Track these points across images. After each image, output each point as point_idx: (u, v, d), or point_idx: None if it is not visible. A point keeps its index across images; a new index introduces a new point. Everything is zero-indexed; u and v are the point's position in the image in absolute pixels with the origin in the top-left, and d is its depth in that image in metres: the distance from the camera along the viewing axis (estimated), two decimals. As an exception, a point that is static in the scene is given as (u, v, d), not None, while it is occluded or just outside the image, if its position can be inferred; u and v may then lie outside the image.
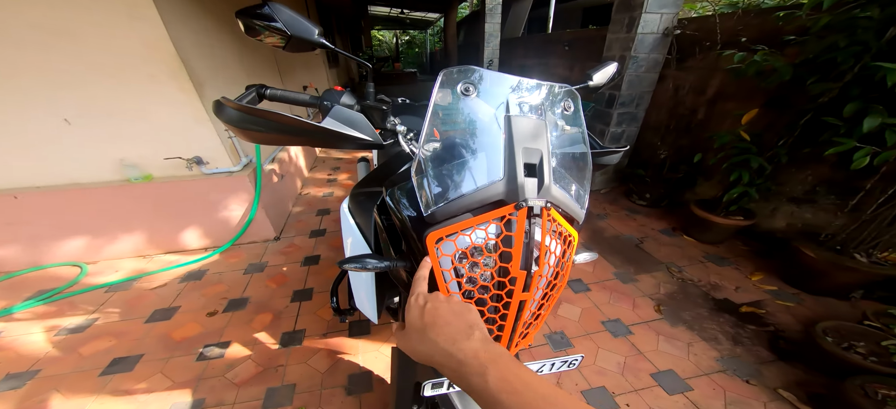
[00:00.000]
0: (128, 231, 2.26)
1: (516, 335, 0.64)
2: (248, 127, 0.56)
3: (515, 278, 0.57)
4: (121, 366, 1.62)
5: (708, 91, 2.71)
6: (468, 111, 0.66)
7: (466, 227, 0.58)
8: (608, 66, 1.00)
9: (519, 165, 0.59)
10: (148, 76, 1.83)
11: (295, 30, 0.68)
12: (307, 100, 0.84)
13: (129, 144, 2.01)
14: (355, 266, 0.68)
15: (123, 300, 2.03)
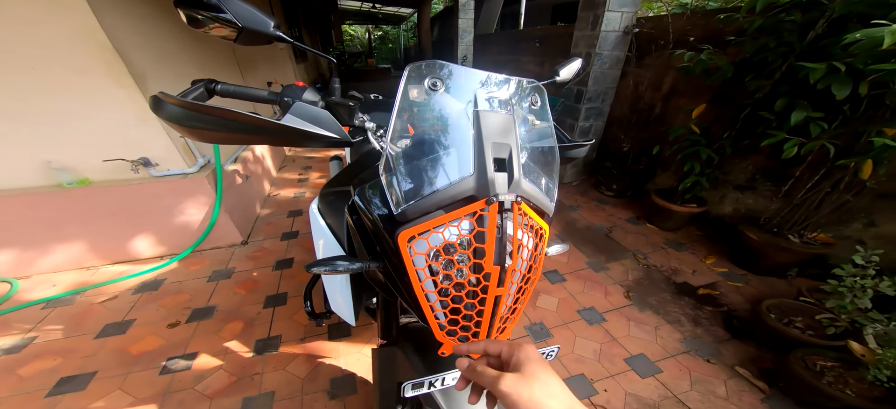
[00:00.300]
0: (65, 242, 2.02)
1: (494, 330, 0.64)
2: (194, 125, 0.51)
3: (490, 274, 0.57)
4: (71, 385, 1.48)
5: (664, 87, 2.89)
6: (437, 107, 0.66)
7: (438, 224, 0.57)
8: (573, 63, 1.03)
9: (488, 161, 0.59)
10: (77, 69, 1.62)
11: (247, 21, 0.61)
12: (265, 96, 0.75)
13: (58, 145, 1.78)
14: (325, 269, 0.66)
15: (66, 316, 1.83)
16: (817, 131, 1.70)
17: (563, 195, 3.26)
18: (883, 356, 1.17)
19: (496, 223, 0.56)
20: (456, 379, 0.64)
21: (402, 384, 0.61)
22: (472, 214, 0.57)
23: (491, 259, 0.56)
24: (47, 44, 1.54)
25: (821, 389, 1.25)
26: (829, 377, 1.28)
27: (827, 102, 1.66)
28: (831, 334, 1.39)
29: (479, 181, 0.58)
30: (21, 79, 1.58)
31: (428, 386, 0.63)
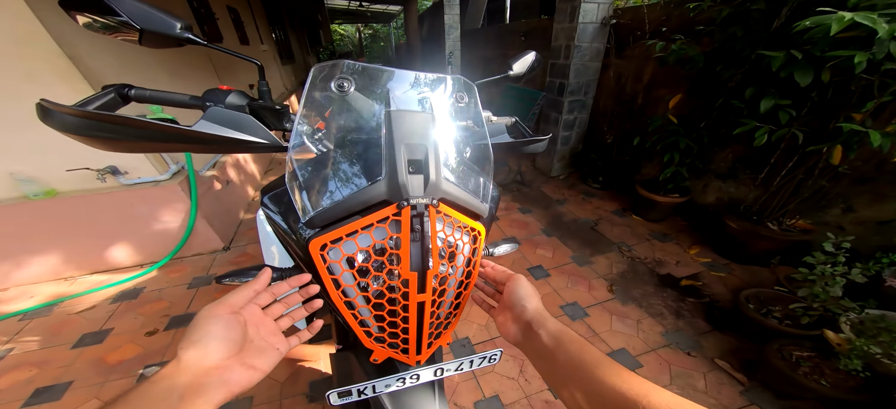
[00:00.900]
0: (38, 253, 1.99)
1: (425, 337, 0.61)
2: (94, 134, 0.47)
3: (408, 280, 0.55)
4: (46, 396, 1.47)
5: (644, 78, 2.87)
6: (349, 109, 0.64)
7: (350, 231, 0.54)
8: (527, 56, 1.01)
9: (400, 163, 0.56)
10: (24, 76, 1.57)
11: (146, 23, 0.55)
12: (187, 101, 0.70)
13: (18, 155, 1.75)
14: (235, 280, 0.64)
15: (43, 327, 1.81)
16: (786, 118, 1.70)
17: (550, 189, 3.25)
18: (855, 345, 1.16)
19: (411, 227, 0.54)
20: (390, 387, 0.63)
21: (328, 393, 0.59)
22: (385, 219, 0.54)
23: (407, 265, 0.54)
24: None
25: (797, 380, 1.25)
26: (805, 367, 1.28)
27: (795, 90, 1.65)
28: (806, 324, 1.39)
29: (390, 185, 0.55)
30: None
31: (356, 394, 0.60)
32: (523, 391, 1.50)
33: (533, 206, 2.97)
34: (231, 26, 3.85)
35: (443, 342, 0.67)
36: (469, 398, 1.47)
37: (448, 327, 0.66)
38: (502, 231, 2.62)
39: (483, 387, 1.52)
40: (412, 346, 0.60)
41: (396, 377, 0.61)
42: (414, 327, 0.58)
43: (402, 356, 0.62)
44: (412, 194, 0.54)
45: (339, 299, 0.56)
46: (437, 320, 0.63)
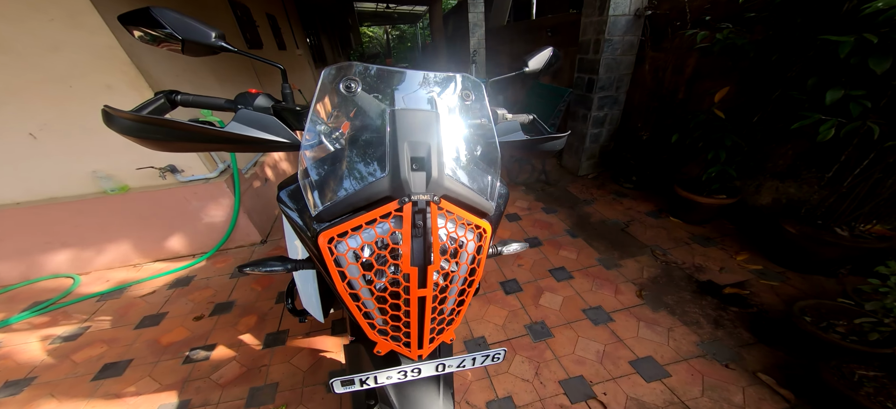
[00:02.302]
0: (114, 242, 2.30)
1: (426, 333, 0.63)
2: (147, 136, 0.54)
3: (408, 275, 0.57)
4: (111, 371, 1.67)
5: (686, 71, 2.65)
6: (357, 109, 0.67)
7: (355, 225, 0.57)
8: (544, 52, 1.00)
9: (403, 160, 0.58)
10: (104, 87, 1.83)
11: (186, 34, 0.64)
12: (223, 104, 0.79)
13: (99, 156, 2.03)
14: (255, 270, 0.68)
15: (114, 308, 2.07)
16: (858, 111, 1.47)
17: (578, 189, 3.11)
18: None
19: (413, 223, 0.56)
20: (391, 379, 0.65)
21: (331, 380, 0.63)
22: (388, 214, 0.57)
23: (408, 260, 0.56)
24: (76, 64, 1.75)
25: (857, 401, 1.08)
26: (868, 387, 1.10)
27: (870, 79, 1.44)
28: (874, 341, 1.19)
29: (393, 182, 0.58)
30: (62, 98, 1.82)
31: (358, 384, 0.63)
32: (538, 393, 1.45)
33: (558, 206, 2.86)
34: (270, 33, 4.18)
35: (445, 339, 0.69)
36: (482, 397, 1.46)
37: (451, 324, 0.68)
38: (524, 231, 2.56)
39: (496, 388, 1.49)
40: (414, 340, 0.63)
41: (398, 369, 0.64)
42: (415, 321, 0.61)
43: (404, 349, 0.64)
44: (414, 191, 0.57)
45: (344, 290, 0.59)
46: (440, 315, 0.65)
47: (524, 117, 1.01)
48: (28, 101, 1.79)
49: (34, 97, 1.79)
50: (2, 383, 1.61)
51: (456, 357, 0.67)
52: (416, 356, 0.65)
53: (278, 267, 0.70)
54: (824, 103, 1.53)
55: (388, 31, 22.30)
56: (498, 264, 2.21)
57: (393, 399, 0.73)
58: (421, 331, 0.62)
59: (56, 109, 1.84)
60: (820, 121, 1.58)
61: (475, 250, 0.65)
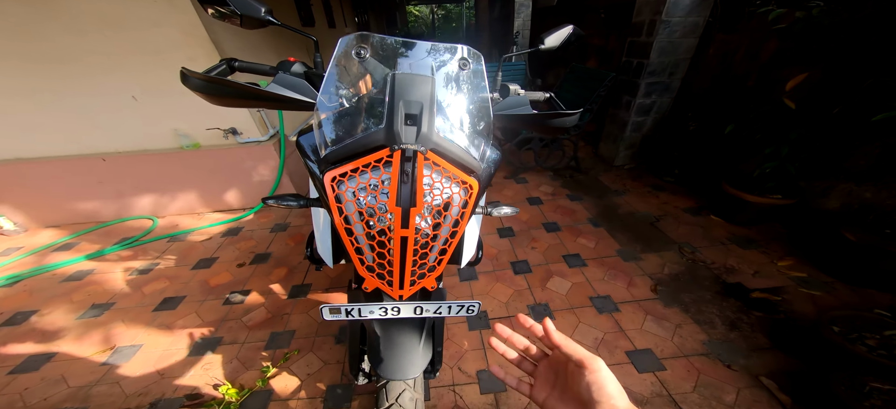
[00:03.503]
0: (184, 191, 2.71)
1: (407, 273, 0.70)
2: (212, 93, 0.69)
3: (393, 214, 0.65)
4: (168, 305, 1.92)
5: (762, 56, 2.34)
6: (365, 72, 0.76)
7: (353, 168, 0.66)
8: (562, 30, 1.00)
9: (398, 115, 0.66)
10: (188, 58, 2.14)
11: (244, 10, 0.80)
12: (267, 70, 0.97)
13: (180, 116, 2.38)
14: (275, 203, 0.81)
15: (179, 249, 2.45)
16: None
17: (610, 179, 2.95)
18: None
19: (402, 170, 0.64)
20: (373, 313, 0.74)
21: (321, 306, 0.73)
22: (380, 160, 0.65)
23: (393, 201, 0.65)
24: (167, 38, 2.06)
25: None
26: (875, 400, 0.96)
27: None
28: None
29: (387, 133, 0.66)
30: (156, 66, 2.15)
31: (344, 314, 0.73)
32: None
33: (585, 194, 2.75)
34: (322, 11, 4.45)
35: (426, 285, 0.76)
36: (474, 366, 1.51)
37: (433, 272, 0.74)
38: (544, 216, 2.51)
39: (490, 359, 1.54)
40: (396, 279, 0.71)
41: (379, 304, 0.73)
42: (397, 261, 0.69)
43: (387, 287, 0.72)
44: (404, 141, 0.65)
45: (341, 224, 0.69)
46: (423, 260, 0.72)
47: (540, 95, 1.03)
48: (132, 68, 2.16)
49: (137, 65, 2.15)
50: (90, 304, 1.96)
51: (433, 303, 0.74)
52: (397, 296, 0.73)
53: (293, 203, 0.82)
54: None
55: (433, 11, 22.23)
56: (512, 245, 2.22)
57: (378, 338, 0.83)
58: (402, 272, 0.70)
59: (152, 75, 2.20)
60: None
61: (460, 203, 0.71)
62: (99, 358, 1.62)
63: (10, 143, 2.37)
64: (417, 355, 0.84)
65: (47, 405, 1.41)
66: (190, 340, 1.70)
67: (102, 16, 1.96)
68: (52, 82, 2.14)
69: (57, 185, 2.54)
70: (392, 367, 0.81)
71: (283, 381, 1.48)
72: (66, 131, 2.36)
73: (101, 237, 2.60)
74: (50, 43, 2.00)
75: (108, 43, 2.05)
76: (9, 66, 2.05)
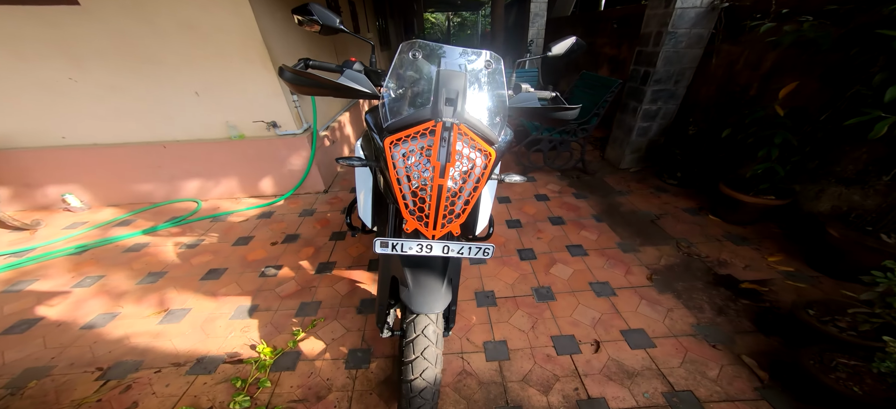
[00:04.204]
0: (227, 177, 3.02)
1: (440, 216, 0.92)
2: (300, 83, 0.93)
3: (434, 167, 0.87)
4: (212, 275, 2.18)
5: (763, 66, 2.47)
6: (415, 67, 1.04)
7: (408, 134, 0.90)
8: (567, 40, 1.22)
9: (441, 98, 0.91)
10: (244, 59, 2.44)
11: (324, 20, 1.09)
12: (334, 67, 1.22)
13: (231, 110, 2.69)
14: (349, 163, 1.06)
15: (221, 229, 2.73)
16: None
17: (615, 180, 3.12)
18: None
19: (440, 137, 0.88)
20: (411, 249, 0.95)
21: (375, 240, 0.96)
22: (427, 130, 0.89)
23: (434, 157, 0.87)
24: (230, 40, 2.36)
25: (824, 383, 1.10)
26: (841, 373, 1.10)
27: None
28: (864, 331, 1.16)
29: (433, 110, 0.92)
30: (217, 66, 2.46)
31: (390, 248, 0.96)
32: (530, 342, 1.64)
33: (590, 193, 2.91)
34: (349, 17, 4.79)
35: (452, 229, 0.98)
36: (480, 337, 1.67)
37: (458, 218, 0.96)
38: (549, 211, 2.68)
39: (495, 332, 1.70)
40: (431, 221, 0.93)
41: (416, 241, 0.96)
42: (433, 205, 0.91)
43: (423, 228, 0.94)
44: (444, 116, 0.90)
45: (394, 177, 0.92)
46: (451, 207, 0.94)
47: (547, 93, 1.25)
48: (198, 67, 2.48)
49: (202, 65, 2.47)
50: (147, 272, 2.24)
51: (457, 243, 0.95)
52: (430, 236, 0.94)
53: (357, 162, 1.08)
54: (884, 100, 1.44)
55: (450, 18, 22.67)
56: (519, 235, 2.40)
57: (409, 281, 1.05)
58: (436, 216, 0.92)
59: (213, 74, 2.51)
60: (878, 118, 1.48)
61: (482, 166, 0.93)
62: (155, 318, 1.86)
63: (94, 129, 2.71)
64: (440, 295, 1.05)
65: (111, 357, 1.63)
66: (230, 305, 1.94)
67: (183, 21, 2.28)
68: (137, 79, 2.48)
69: (122, 167, 2.88)
70: (420, 301, 1.03)
71: (311, 344, 1.67)
72: (140, 121, 2.70)
73: (153, 216, 2.91)
74: (141, 45, 2.35)
75: (184, 46, 2.37)
76: (108, 64, 2.40)
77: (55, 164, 2.80)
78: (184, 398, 1.44)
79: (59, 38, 2.28)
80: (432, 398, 1.07)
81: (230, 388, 1.48)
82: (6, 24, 2.20)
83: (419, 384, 1.04)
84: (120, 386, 1.50)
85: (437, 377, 1.08)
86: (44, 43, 2.29)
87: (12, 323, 1.82)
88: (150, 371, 1.56)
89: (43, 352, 1.66)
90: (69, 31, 2.25)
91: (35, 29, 2.24)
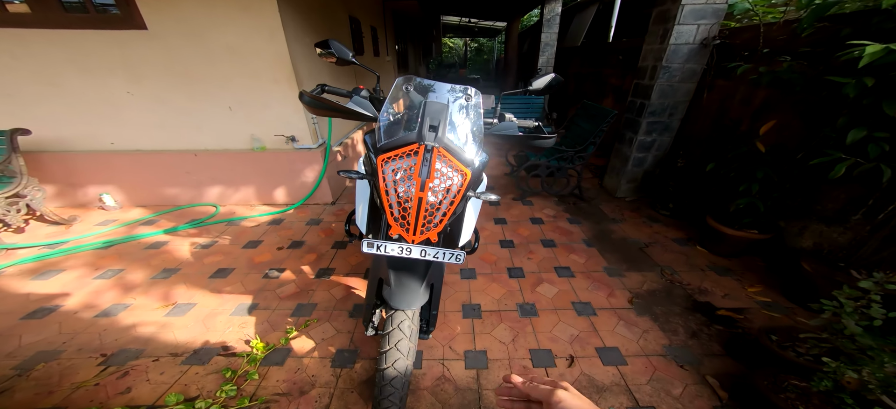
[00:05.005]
0: (245, 186, 3.27)
1: (419, 223, 1.07)
2: (313, 106, 1.15)
3: (415, 183, 1.04)
4: (220, 274, 2.33)
5: (754, 102, 2.58)
6: (408, 98, 1.24)
7: (396, 154, 1.07)
8: (546, 76, 1.37)
9: (425, 125, 1.09)
10: (273, 80, 2.73)
11: (340, 54, 1.31)
12: (345, 93, 1.43)
13: (257, 124, 2.97)
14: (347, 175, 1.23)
15: (234, 232, 2.93)
16: (877, 152, 1.46)
17: (610, 208, 3.21)
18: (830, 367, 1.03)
19: (422, 157, 1.05)
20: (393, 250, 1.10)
21: (363, 239, 1.12)
22: (412, 152, 1.07)
23: (416, 173, 1.04)
24: (263, 63, 2.65)
25: (775, 403, 1.15)
26: (791, 393, 1.16)
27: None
28: (815, 355, 1.22)
29: (418, 134, 1.09)
30: (250, 86, 2.76)
31: (376, 248, 1.10)
32: (509, 353, 1.72)
33: (584, 219, 3.01)
34: (370, 41, 5.15)
35: (430, 236, 1.13)
36: (462, 346, 1.76)
37: (436, 227, 1.11)
38: (542, 234, 2.79)
39: (477, 342, 1.79)
40: (411, 227, 1.08)
41: (398, 244, 1.11)
42: (414, 214, 1.07)
43: (404, 233, 1.10)
44: (427, 141, 1.07)
45: (383, 189, 1.08)
46: (430, 218, 1.09)
47: (530, 122, 1.41)
48: (233, 85, 2.78)
49: (237, 83, 2.77)
50: (162, 268, 2.42)
51: (433, 249, 1.10)
52: (411, 240, 1.09)
53: (355, 176, 1.23)
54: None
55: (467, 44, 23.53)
56: (510, 255, 2.51)
57: (392, 281, 1.20)
58: (416, 224, 1.07)
59: (245, 92, 2.81)
60: (839, 160, 1.56)
61: (457, 185, 1.09)
62: (162, 311, 2.00)
63: (138, 137, 3.03)
64: (418, 295, 1.20)
65: (116, 345, 1.75)
66: (233, 303, 2.08)
67: (228, 45, 2.60)
68: (182, 94, 2.80)
69: (156, 172, 3.17)
70: (399, 299, 1.17)
71: (302, 342, 1.78)
72: (178, 131, 3.00)
73: (175, 217, 3.16)
74: (190, 64, 2.67)
75: (225, 66, 2.69)
76: (161, 80, 2.73)
77: (100, 166, 3.11)
78: (174, 386, 1.55)
79: (124, 57, 2.62)
80: (401, 387, 1.17)
81: (220, 378, 1.57)
82: (83, 44, 2.55)
83: (390, 372, 1.15)
84: (118, 372, 1.61)
85: (408, 368, 1.19)
86: (111, 61, 2.64)
87: (34, 309, 1.98)
88: (148, 359, 1.68)
89: (57, 337, 1.80)
90: (134, 51, 2.59)
91: (107, 49, 2.58)
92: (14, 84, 2.68)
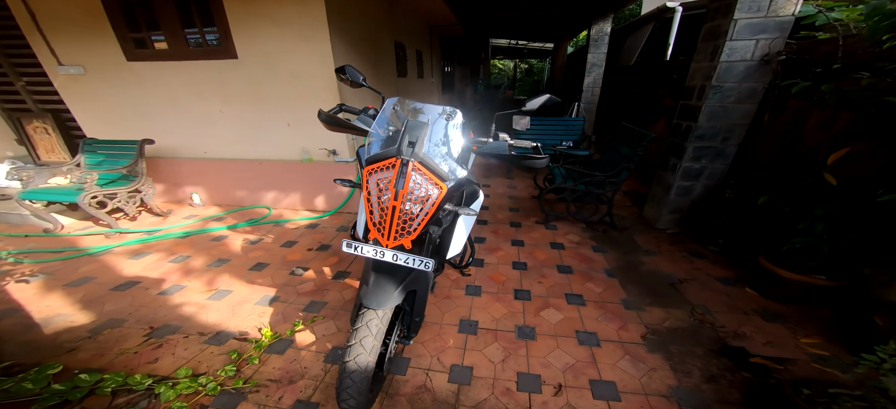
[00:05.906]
0: (294, 192, 3.71)
1: (393, 230, 1.16)
2: (326, 122, 1.35)
3: (390, 193, 1.14)
4: (258, 267, 2.63)
5: (836, 126, 2.17)
6: (395, 117, 1.36)
7: (379, 167, 1.19)
8: (542, 97, 1.37)
9: (404, 141, 1.18)
10: (320, 100, 3.12)
11: (353, 78, 1.51)
12: (358, 111, 1.61)
13: (307, 139, 3.40)
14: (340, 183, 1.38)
15: (278, 232, 3.30)
16: None
17: (646, 240, 2.89)
18: None
19: (399, 170, 1.16)
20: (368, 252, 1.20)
21: (343, 241, 1.24)
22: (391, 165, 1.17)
23: (392, 184, 1.15)
24: (315, 84, 3.07)
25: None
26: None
27: None
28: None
29: (397, 150, 1.19)
30: (304, 105, 3.19)
31: (353, 249, 1.22)
32: (495, 373, 1.65)
33: (611, 248, 2.75)
34: (415, 64, 5.52)
35: (403, 243, 1.21)
36: (450, 360, 1.73)
37: (410, 235, 1.20)
38: (560, 259, 2.61)
39: (466, 358, 1.74)
40: (385, 233, 1.19)
41: (373, 247, 1.22)
42: (388, 221, 1.18)
43: (381, 237, 1.20)
44: (405, 155, 1.18)
45: (365, 197, 1.22)
46: (404, 226, 1.19)
47: (528, 143, 1.43)
48: (293, 105, 3.26)
49: (296, 103, 3.24)
50: (217, 258, 2.80)
51: (405, 255, 1.19)
52: (385, 244, 1.19)
53: (347, 185, 1.42)
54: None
55: (517, 65, 23.35)
56: (520, 276, 2.41)
57: (370, 282, 1.28)
58: (389, 230, 1.16)
59: (300, 111, 3.27)
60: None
61: (434, 197, 1.17)
62: (205, 294, 2.28)
63: (221, 147, 3.66)
64: (390, 297, 1.23)
65: (164, 319, 2.03)
66: (260, 293, 2.31)
67: (291, 70, 3.08)
68: (255, 111, 3.35)
69: (231, 177, 3.77)
70: (370, 298, 1.22)
71: (305, 336, 1.90)
72: (250, 142, 3.57)
73: (238, 216, 3.69)
74: (262, 87, 3.21)
75: (287, 88, 3.17)
76: (242, 101, 3.31)
77: (195, 170, 3.80)
78: (191, 362, 1.72)
79: (220, 82, 3.24)
80: (360, 382, 1.19)
81: (228, 359, 1.72)
82: (196, 73, 3.23)
83: (351, 366, 1.19)
84: (155, 344, 1.83)
85: (370, 365, 1.20)
86: (210, 85, 3.28)
87: (122, 282, 2.43)
88: (180, 335, 1.89)
89: (127, 307, 2.14)
90: (226, 76, 3.19)
91: (209, 75, 3.22)
92: (148, 105, 3.47)
